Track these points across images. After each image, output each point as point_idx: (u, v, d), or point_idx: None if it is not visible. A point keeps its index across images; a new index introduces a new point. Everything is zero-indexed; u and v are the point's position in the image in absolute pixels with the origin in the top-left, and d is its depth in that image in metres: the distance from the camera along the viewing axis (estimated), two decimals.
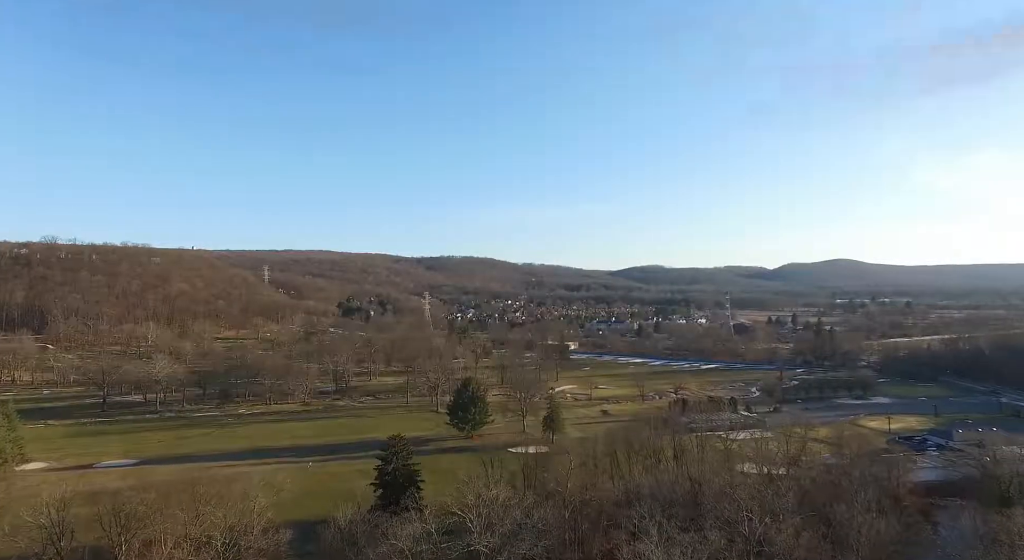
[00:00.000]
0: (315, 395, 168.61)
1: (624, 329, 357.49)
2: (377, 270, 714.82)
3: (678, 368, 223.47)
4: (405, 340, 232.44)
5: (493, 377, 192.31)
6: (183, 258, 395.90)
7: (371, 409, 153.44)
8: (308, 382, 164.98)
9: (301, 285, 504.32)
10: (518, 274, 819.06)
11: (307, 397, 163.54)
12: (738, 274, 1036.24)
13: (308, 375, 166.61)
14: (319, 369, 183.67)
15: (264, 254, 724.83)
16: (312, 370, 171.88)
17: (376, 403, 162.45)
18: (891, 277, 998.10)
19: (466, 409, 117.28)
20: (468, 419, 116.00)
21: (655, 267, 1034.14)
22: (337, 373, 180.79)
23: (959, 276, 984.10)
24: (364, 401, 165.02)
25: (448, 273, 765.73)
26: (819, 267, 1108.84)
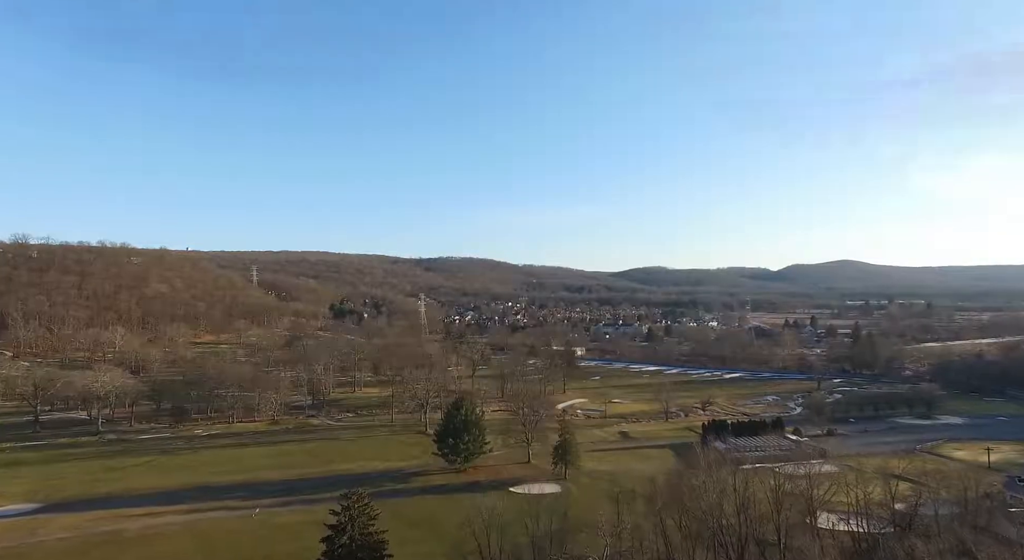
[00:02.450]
0: (287, 411, 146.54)
1: (633, 333, 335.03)
2: (374, 271, 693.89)
3: (698, 377, 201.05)
4: (395, 346, 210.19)
5: (492, 388, 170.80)
6: (164, 258, 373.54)
7: (349, 429, 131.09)
8: (279, 396, 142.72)
9: (292, 286, 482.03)
10: (518, 275, 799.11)
11: (277, 413, 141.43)
12: (742, 275, 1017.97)
13: (279, 387, 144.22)
14: (295, 379, 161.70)
15: (258, 255, 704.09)
16: (285, 381, 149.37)
17: (356, 421, 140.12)
18: (897, 278, 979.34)
19: (458, 436, 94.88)
20: (460, 449, 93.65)
21: (657, 268, 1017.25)
22: (314, 384, 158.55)
23: (965, 277, 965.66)
24: (342, 419, 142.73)
25: (447, 274, 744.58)
26: (824, 268, 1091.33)
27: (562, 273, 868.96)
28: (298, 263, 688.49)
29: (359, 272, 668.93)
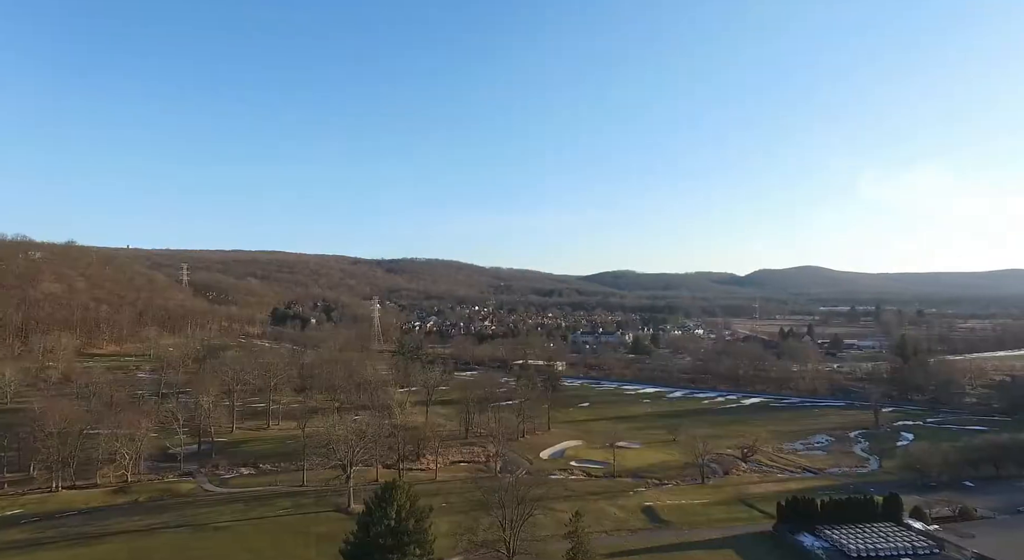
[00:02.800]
0: (154, 466, 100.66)
1: (616, 342, 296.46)
2: (330, 272, 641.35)
3: (711, 404, 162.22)
4: (329, 363, 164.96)
5: (453, 421, 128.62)
6: (70, 254, 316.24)
7: (235, 502, 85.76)
8: (137, 445, 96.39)
9: (231, 288, 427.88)
10: (486, 278, 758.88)
11: (131, 472, 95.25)
12: (711, 280, 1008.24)
13: (136, 434, 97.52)
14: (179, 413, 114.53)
15: (202, 254, 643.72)
16: (146, 422, 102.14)
17: (252, 483, 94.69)
18: (860, 284, 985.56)
19: (388, 554, 51.91)
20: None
21: (627, 272, 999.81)
22: (199, 421, 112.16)
23: (921, 283, 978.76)
24: (233, 479, 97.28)
25: (410, 276, 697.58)
26: (789, 273, 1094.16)
27: (531, 276, 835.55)
28: (248, 263, 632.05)
29: (314, 273, 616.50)
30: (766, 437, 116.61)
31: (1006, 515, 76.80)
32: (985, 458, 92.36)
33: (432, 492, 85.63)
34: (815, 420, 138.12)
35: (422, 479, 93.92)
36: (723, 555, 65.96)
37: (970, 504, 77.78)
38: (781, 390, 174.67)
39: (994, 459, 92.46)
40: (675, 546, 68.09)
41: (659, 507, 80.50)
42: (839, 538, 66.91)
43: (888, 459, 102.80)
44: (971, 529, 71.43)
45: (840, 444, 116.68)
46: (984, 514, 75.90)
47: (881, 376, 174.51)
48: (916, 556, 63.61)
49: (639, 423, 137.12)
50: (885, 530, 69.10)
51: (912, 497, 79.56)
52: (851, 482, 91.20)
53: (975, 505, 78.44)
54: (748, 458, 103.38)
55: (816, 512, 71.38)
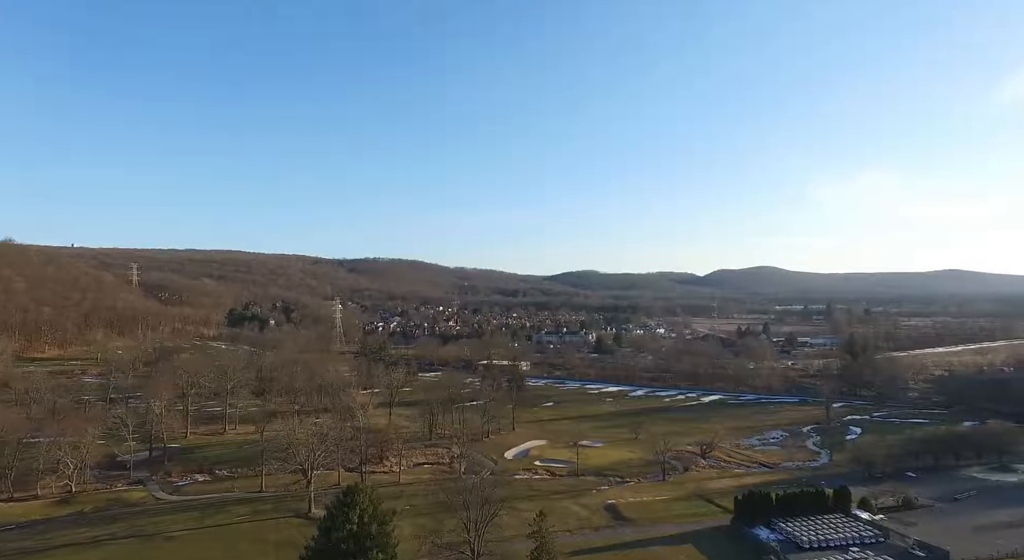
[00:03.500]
0: (102, 475, 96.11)
1: (580, 342, 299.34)
2: (290, 272, 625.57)
3: (672, 402, 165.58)
4: (290, 364, 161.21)
5: (416, 422, 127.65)
6: (7, 252, 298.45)
7: (189, 510, 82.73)
8: (82, 453, 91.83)
9: (185, 288, 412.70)
10: (450, 278, 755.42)
11: (76, 482, 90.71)
12: (671, 280, 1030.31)
13: (82, 441, 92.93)
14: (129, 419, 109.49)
15: (154, 253, 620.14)
16: (92, 429, 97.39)
17: (207, 490, 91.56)
18: (813, 284, 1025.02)
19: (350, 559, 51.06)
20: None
21: (590, 272, 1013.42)
22: (150, 427, 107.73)
23: (869, 283, 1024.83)
24: (186, 486, 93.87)
25: (373, 276, 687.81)
26: (746, 273, 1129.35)
27: (495, 276, 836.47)
28: (202, 263, 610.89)
29: (273, 273, 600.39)
30: (724, 433, 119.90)
31: (944, 503, 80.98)
32: (925, 450, 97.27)
33: (395, 495, 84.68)
34: (770, 416, 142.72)
35: (385, 482, 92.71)
36: (683, 550, 67.37)
37: (912, 494, 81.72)
38: (738, 387, 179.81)
39: (933, 451, 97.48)
40: (637, 543, 69.19)
41: (621, 505, 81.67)
42: (792, 530, 69.30)
43: (838, 453, 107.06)
44: (913, 518, 75.13)
45: (794, 439, 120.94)
46: (925, 503, 79.84)
47: (832, 373, 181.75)
48: (863, 545, 66.43)
49: (602, 422, 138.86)
50: (835, 521, 71.94)
51: (860, 488, 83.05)
52: (804, 475, 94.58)
53: (917, 494, 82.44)
54: (707, 454, 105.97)
55: (771, 506, 73.74)
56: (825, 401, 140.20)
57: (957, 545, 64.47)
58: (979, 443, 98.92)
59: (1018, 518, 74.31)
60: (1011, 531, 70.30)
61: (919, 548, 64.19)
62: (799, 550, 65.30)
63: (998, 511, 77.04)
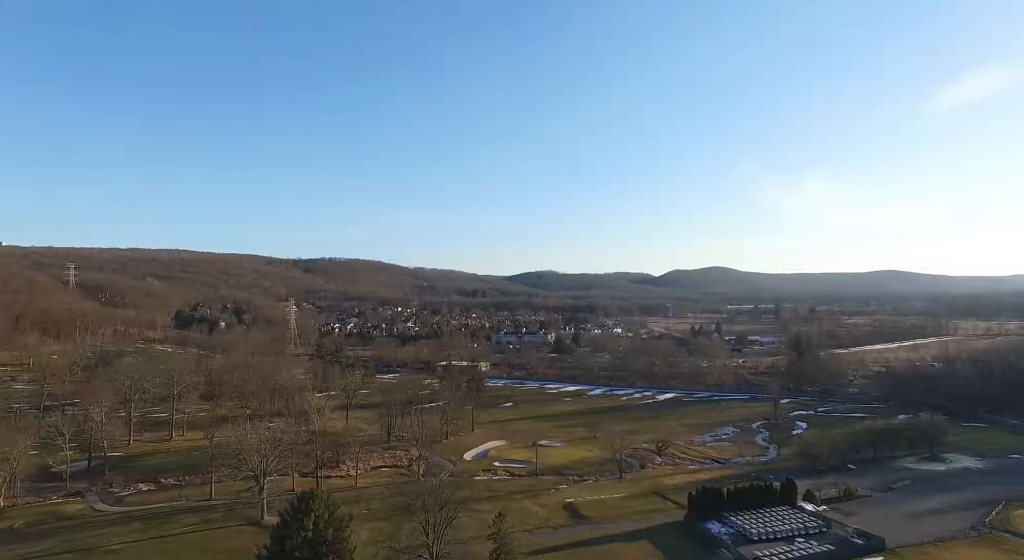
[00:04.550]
0: (34, 487, 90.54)
1: (539, 342, 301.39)
2: (242, 272, 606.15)
3: (629, 400, 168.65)
4: (240, 367, 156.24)
5: (374, 424, 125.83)
6: None
7: (131, 521, 78.89)
8: (12, 465, 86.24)
9: (128, 289, 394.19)
10: (409, 278, 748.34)
11: (5, 496, 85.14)
12: (628, 280, 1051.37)
13: (12, 452, 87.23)
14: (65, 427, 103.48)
15: (93, 252, 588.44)
16: (23, 439, 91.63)
17: (153, 499, 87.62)
18: (762, 284, 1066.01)
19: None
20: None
21: (549, 272, 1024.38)
22: (89, 435, 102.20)
23: (814, 283, 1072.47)
24: (127, 498, 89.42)
25: (329, 276, 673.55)
26: (699, 274, 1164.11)
27: (455, 276, 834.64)
28: (147, 262, 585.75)
29: (224, 273, 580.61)
30: (679, 430, 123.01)
31: (881, 493, 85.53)
32: (865, 443, 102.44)
33: (352, 499, 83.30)
34: (722, 413, 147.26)
35: (341, 486, 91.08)
36: (639, 546, 68.76)
37: (853, 485, 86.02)
38: (692, 385, 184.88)
39: (872, 443, 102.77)
40: (594, 540, 70.17)
41: (579, 503, 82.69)
42: (742, 524, 71.75)
43: (785, 447, 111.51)
44: (853, 508, 79.02)
45: (744, 435, 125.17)
46: (864, 493, 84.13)
47: (780, 370, 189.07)
48: (808, 536, 69.36)
49: (561, 421, 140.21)
50: (782, 513, 74.88)
51: (805, 481, 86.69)
52: (753, 470, 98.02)
53: (857, 485, 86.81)
54: (662, 451, 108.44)
55: (723, 500, 76.13)
56: (773, 397, 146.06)
57: (892, 532, 68.24)
58: (912, 435, 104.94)
59: (945, 505, 79.29)
60: (939, 517, 74.95)
61: (858, 536, 67.54)
62: (748, 542, 67.67)
63: (928, 499, 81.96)
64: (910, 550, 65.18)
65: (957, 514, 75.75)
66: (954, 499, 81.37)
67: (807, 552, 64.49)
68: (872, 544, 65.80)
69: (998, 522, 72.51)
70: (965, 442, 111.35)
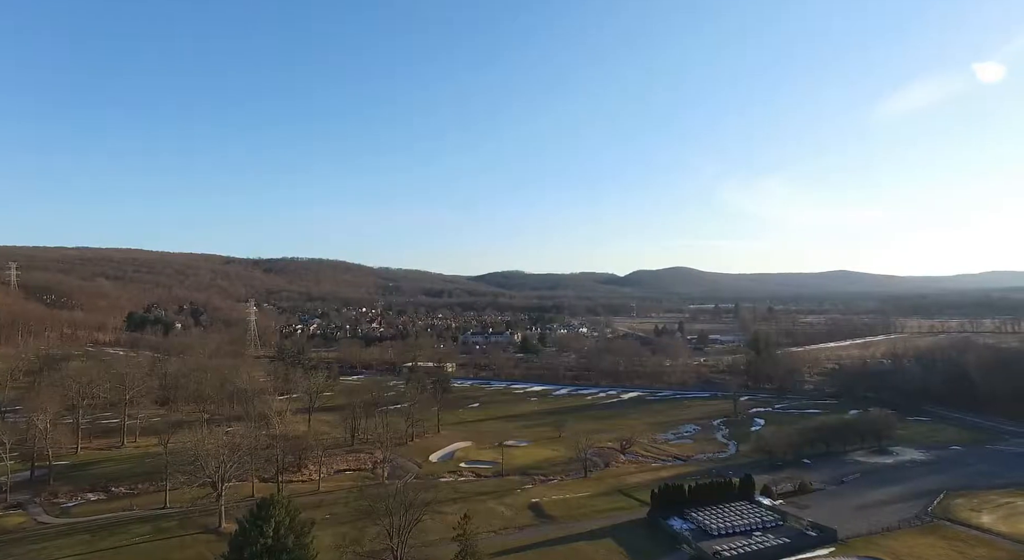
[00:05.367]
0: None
1: (505, 342, 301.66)
2: (199, 272, 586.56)
3: (594, 400, 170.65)
4: (197, 371, 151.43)
5: (338, 427, 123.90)
6: None
7: (77, 533, 75.59)
8: None
9: (75, 290, 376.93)
10: (374, 279, 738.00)
11: None
12: (594, 280, 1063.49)
13: None
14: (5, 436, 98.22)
15: (37, 252, 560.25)
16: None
17: (100, 508, 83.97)
18: (723, 283, 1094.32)
19: None
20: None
21: (516, 272, 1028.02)
22: (33, 443, 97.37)
23: (772, 283, 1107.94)
24: (74, 509, 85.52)
25: (291, 277, 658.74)
26: (663, 274, 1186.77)
27: (421, 276, 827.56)
28: (97, 262, 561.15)
29: (180, 273, 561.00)
30: (642, 429, 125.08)
31: (833, 486, 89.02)
32: (818, 438, 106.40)
33: (314, 504, 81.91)
34: (684, 411, 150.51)
35: (303, 491, 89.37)
36: (603, 544, 69.68)
37: (807, 479, 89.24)
38: (655, 384, 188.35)
39: (825, 438, 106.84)
40: (560, 540, 70.78)
41: (545, 503, 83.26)
42: (703, 519, 73.54)
43: (744, 443, 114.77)
44: (807, 501, 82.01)
45: (705, 432, 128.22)
46: (817, 487, 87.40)
47: (739, 368, 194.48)
48: (765, 529, 71.61)
49: (527, 421, 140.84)
50: (741, 508, 77.10)
51: (763, 476, 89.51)
52: (714, 466, 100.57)
53: (811, 479, 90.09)
54: (626, 450, 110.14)
55: (684, 497, 77.93)
56: (733, 395, 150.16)
57: (843, 523, 71.15)
58: (862, 430, 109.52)
59: (892, 496, 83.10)
60: (886, 508, 78.53)
61: (812, 529, 70.10)
62: (709, 537, 69.41)
63: (876, 490, 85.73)
64: (860, 540, 68.05)
65: (903, 505, 79.51)
66: (900, 490, 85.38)
67: (764, 545, 66.59)
68: (825, 536, 68.42)
69: (940, 511, 76.47)
70: (910, 435, 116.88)
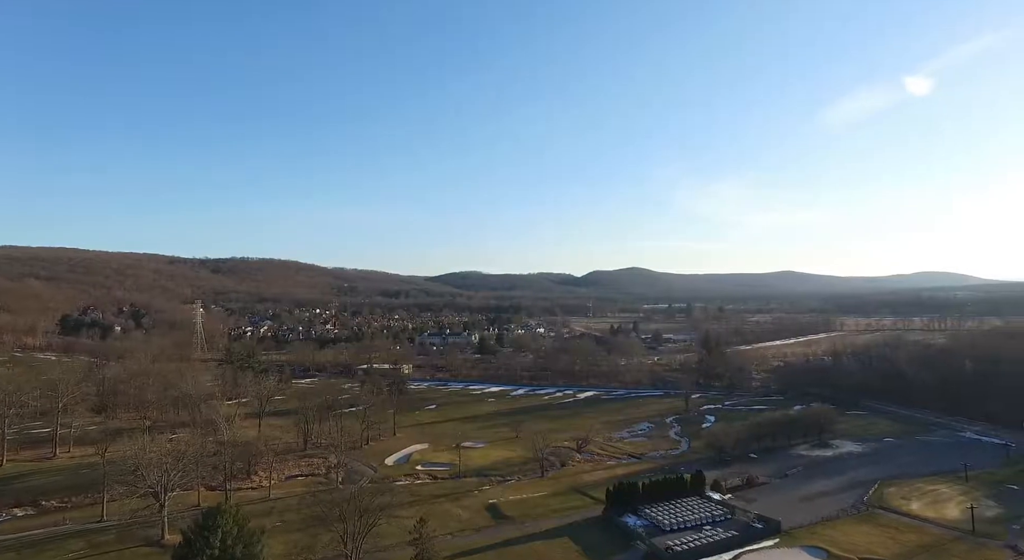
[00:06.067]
0: None
1: (463, 343, 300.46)
2: (141, 273, 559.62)
3: (551, 399, 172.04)
4: (139, 376, 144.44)
5: (290, 431, 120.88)
6: None
7: (4, 552, 70.84)
8: None
9: (1, 291, 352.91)
10: (328, 279, 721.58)
11: None
12: (552, 280, 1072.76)
13: None
14: None
15: None
16: None
17: (29, 524, 78.78)
18: (676, 284, 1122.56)
19: None
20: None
21: (473, 273, 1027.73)
22: None
23: (723, 283, 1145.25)
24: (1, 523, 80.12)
25: (241, 277, 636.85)
26: (619, 274, 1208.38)
27: (377, 277, 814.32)
28: (25, 261, 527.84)
29: (119, 274, 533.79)
30: (598, 428, 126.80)
31: (778, 479, 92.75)
32: (765, 433, 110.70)
33: (265, 512, 79.61)
34: (638, 409, 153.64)
35: (253, 498, 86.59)
36: (559, 543, 70.33)
37: (754, 473, 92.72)
38: (611, 383, 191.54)
39: (771, 433, 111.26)
40: (517, 540, 71.01)
41: (502, 503, 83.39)
42: (656, 515, 75.30)
43: (696, 440, 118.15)
44: (755, 494, 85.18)
45: (659, 429, 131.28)
46: (764, 480, 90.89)
47: (691, 366, 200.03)
48: (715, 523, 73.92)
49: (485, 422, 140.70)
50: (692, 503, 79.32)
51: (713, 472, 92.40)
52: (667, 463, 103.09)
53: (758, 473, 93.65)
54: (583, 449, 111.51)
55: (638, 494, 79.55)
56: (685, 393, 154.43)
57: (787, 514, 74.29)
58: (805, 424, 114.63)
59: (831, 487, 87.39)
60: (826, 498, 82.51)
61: (758, 521, 72.83)
62: (662, 533, 71.10)
63: (818, 482, 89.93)
64: (802, 531, 71.17)
65: (841, 495, 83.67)
66: (839, 482, 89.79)
67: (714, 539, 68.75)
68: (770, 527, 71.22)
69: (874, 500, 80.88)
70: (849, 429, 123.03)
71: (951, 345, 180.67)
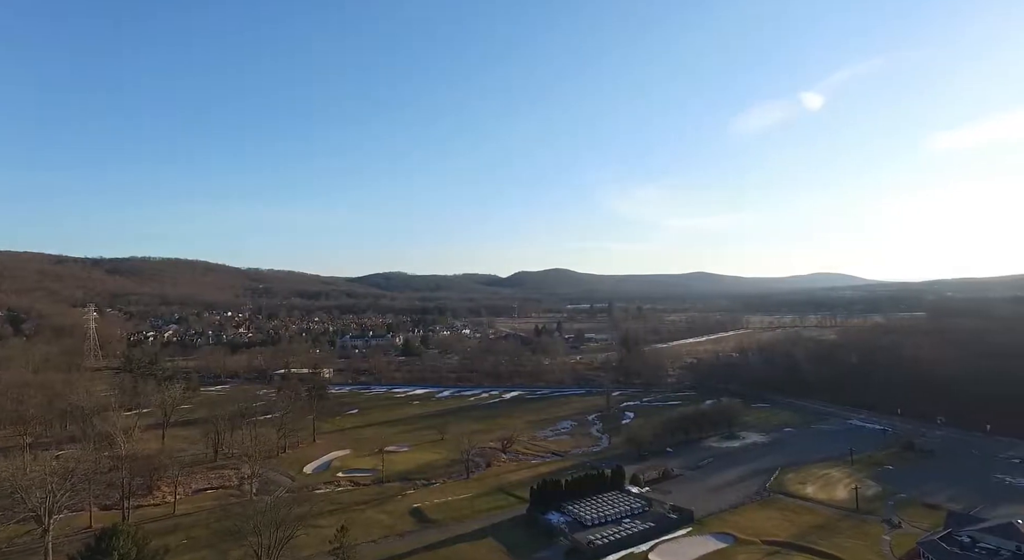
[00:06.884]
0: None
1: (387, 345, 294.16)
2: (22, 274, 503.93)
3: (476, 400, 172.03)
4: (19, 389, 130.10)
5: (199, 443, 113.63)
6: None
7: None
8: None
9: None
10: (241, 280, 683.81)
11: None
12: (476, 281, 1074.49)
13: None
14: None
15: None
16: None
17: None
18: (598, 285, 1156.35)
19: None
20: None
21: (397, 274, 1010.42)
22: None
23: (642, 283, 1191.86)
24: None
25: (141, 278, 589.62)
26: (543, 275, 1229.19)
27: (295, 278, 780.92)
28: None
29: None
30: (523, 427, 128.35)
31: (691, 471, 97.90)
32: (679, 427, 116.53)
33: (169, 529, 74.43)
34: (561, 408, 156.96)
35: (156, 516, 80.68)
36: (484, 544, 70.56)
37: (670, 466, 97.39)
38: (536, 382, 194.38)
39: (684, 427, 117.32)
40: (441, 543, 70.51)
41: (426, 507, 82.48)
42: (578, 511, 77.25)
43: (616, 436, 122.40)
44: (670, 486, 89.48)
45: (581, 427, 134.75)
46: (678, 473, 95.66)
47: (612, 365, 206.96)
48: (634, 516, 76.88)
49: (409, 425, 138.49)
50: (612, 498, 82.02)
51: (632, 466, 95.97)
52: (589, 460, 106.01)
53: (673, 466, 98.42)
54: (507, 449, 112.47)
55: (561, 491, 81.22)
56: (606, 391, 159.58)
57: (699, 504, 78.77)
58: (715, 418, 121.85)
59: (738, 476, 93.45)
60: (734, 487, 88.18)
61: (673, 512, 76.63)
62: (583, 528, 73.06)
63: (726, 472, 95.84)
64: (713, 518, 75.64)
65: (747, 483, 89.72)
66: (745, 470, 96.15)
67: (633, 531, 71.53)
68: (684, 517, 75.16)
69: (776, 486, 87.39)
70: (754, 421, 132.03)
71: (840, 341, 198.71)
